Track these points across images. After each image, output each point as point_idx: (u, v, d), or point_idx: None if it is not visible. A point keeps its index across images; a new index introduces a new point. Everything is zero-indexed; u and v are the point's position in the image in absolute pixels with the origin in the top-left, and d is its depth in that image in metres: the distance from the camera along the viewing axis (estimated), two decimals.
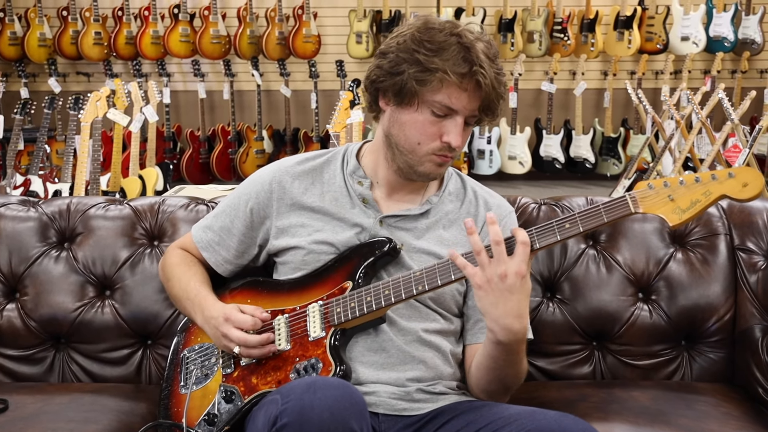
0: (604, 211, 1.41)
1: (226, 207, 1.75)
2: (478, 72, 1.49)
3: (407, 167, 1.60)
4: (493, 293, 1.39)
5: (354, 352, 1.58)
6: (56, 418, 1.63)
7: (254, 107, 6.60)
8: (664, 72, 6.56)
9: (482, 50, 1.52)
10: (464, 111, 1.54)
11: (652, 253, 1.92)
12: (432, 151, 1.57)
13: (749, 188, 1.34)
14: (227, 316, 1.59)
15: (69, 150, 4.51)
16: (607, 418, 1.62)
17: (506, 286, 1.38)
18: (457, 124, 1.54)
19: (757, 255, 1.89)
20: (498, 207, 1.71)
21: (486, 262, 1.40)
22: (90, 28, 6.40)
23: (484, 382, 1.58)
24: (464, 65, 1.50)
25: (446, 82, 1.50)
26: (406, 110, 1.56)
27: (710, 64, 6.55)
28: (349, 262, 1.61)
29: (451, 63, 1.50)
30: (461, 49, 1.50)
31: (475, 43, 1.51)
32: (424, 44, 1.52)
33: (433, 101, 1.53)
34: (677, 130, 5.10)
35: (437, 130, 1.55)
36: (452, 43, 1.51)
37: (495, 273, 1.38)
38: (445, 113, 1.54)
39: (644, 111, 5.91)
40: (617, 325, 1.89)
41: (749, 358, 1.81)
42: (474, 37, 1.53)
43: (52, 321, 1.93)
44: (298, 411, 1.26)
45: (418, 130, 1.56)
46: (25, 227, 1.99)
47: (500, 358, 1.49)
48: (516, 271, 1.38)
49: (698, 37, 6.44)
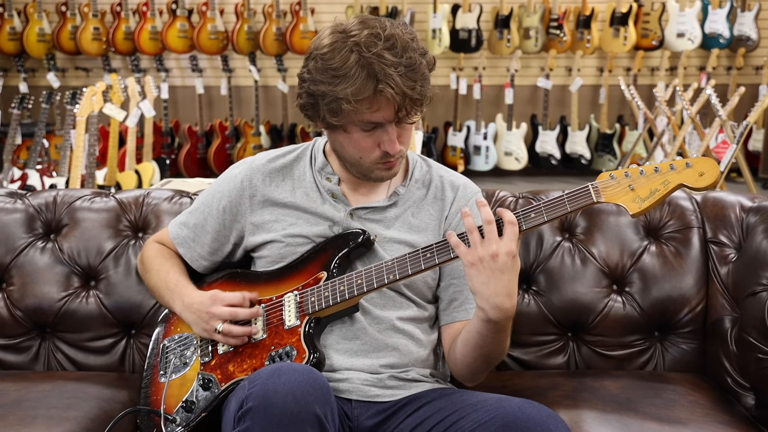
0: (567, 200, 1.44)
1: (200, 204, 1.79)
2: (385, 89, 1.47)
3: (360, 174, 1.65)
4: (485, 272, 1.43)
5: (329, 340, 1.62)
6: (37, 405, 1.66)
7: (252, 102, 6.64)
8: (660, 68, 6.58)
9: (386, 55, 1.48)
10: (388, 120, 1.54)
11: (627, 246, 1.95)
12: (375, 161, 1.60)
13: (705, 177, 1.38)
14: (215, 296, 1.63)
15: (66, 144, 4.55)
16: (576, 405, 1.65)
17: (498, 266, 1.42)
18: (388, 133, 1.55)
19: (729, 248, 1.91)
20: (464, 188, 1.74)
21: (478, 242, 1.43)
22: (88, 23, 6.44)
23: (470, 359, 1.59)
24: (368, 86, 1.48)
25: (358, 108, 1.50)
26: (337, 132, 1.59)
27: (706, 60, 6.57)
28: (324, 253, 1.65)
29: (354, 89, 1.48)
30: (361, 68, 1.48)
31: (374, 56, 1.47)
32: (327, 72, 1.51)
33: (356, 122, 1.54)
34: (668, 126, 5.12)
35: (373, 141, 1.57)
36: (352, 64, 1.48)
37: (487, 252, 1.42)
38: (372, 127, 1.55)
39: (636, 107, 5.94)
40: (591, 316, 1.92)
41: (719, 349, 1.84)
42: (373, 42, 1.48)
43: (37, 310, 1.96)
44: (263, 395, 1.30)
45: (354, 147, 1.59)
46: (11, 219, 2.03)
47: (488, 336, 1.52)
48: (507, 251, 1.42)
49: (694, 33, 6.46)
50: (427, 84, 1.54)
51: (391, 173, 1.64)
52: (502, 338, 1.54)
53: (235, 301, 1.61)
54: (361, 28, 1.50)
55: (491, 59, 6.75)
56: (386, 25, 1.52)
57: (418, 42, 1.55)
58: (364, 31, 1.50)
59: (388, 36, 1.49)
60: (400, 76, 1.47)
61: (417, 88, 1.50)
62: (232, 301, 1.61)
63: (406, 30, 1.53)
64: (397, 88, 1.47)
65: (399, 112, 1.52)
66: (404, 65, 1.48)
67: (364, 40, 1.49)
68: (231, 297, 1.62)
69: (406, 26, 1.55)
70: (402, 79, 1.48)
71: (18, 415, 1.61)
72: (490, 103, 6.80)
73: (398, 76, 1.47)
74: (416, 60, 1.51)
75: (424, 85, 1.52)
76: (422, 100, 1.53)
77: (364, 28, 1.50)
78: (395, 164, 1.62)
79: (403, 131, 1.58)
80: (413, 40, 1.53)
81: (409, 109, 1.52)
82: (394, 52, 1.48)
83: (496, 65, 6.80)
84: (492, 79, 6.79)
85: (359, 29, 1.50)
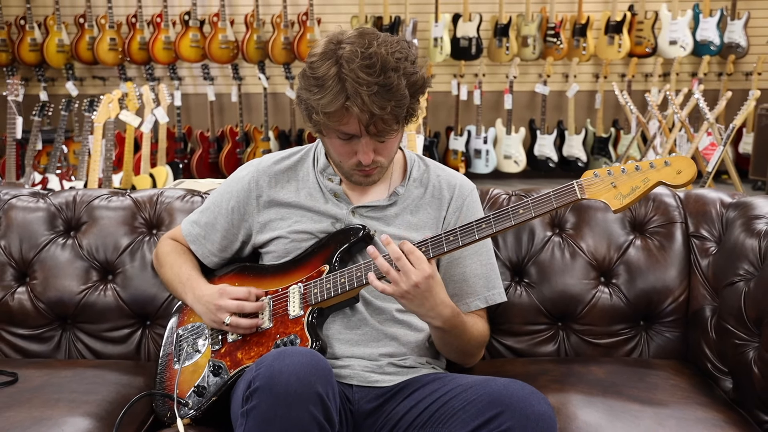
0: (553, 197, 1.48)
1: (211, 204, 1.83)
2: (352, 106, 1.48)
3: (344, 176, 1.70)
4: (415, 299, 1.51)
5: (332, 330, 1.67)
6: (60, 389, 1.71)
7: (261, 109, 6.69)
8: (653, 74, 6.62)
9: (360, 73, 1.47)
10: (361, 133, 1.55)
11: (613, 240, 1.99)
12: (352, 167, 1.64)
13: (683, 175, 1.42)
14: (222, 290, 1.68)
15: (84, 150, 4.61)
16: (563, 389, 1.69)
17: (422, 290, 1.49)
18: (362, 144, 1.57)
19: (710, 241, 1.95)
20: (461, 187, 1.78)
21: (398, 278, 1.49)
22: (105, 34, 6.51)
23: (446, 353, 1.72)
24: (337, 100, 1.49)
25: (327, 119, 1.53)
26: (321, 135, 1.64)
27: (697, 66, 6.61)
28: (327, 248, 1.69)
29: (325, 102, 1.50)
30: (337, 82, 1.49)
31: (350, 72, 1.47)
32: (309, 79, 1.53)
33: (333, 130, 1.58)
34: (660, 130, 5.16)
35: (350, 149, 1.60)
36: (331, 76, 1.49)
37: (408, 284, 1.48)
38: (348, 137, 1.58)
39: (630, 112, 5.98)
40: (580, 306, 1.96)
41: (699, 336, 1.88)
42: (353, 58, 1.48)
43: (59, 303, 2.01)
44: (269, 376, 1.34)
45: (335, 151, 1.63)
46: (34, 217, 2.08)
47: (446, 336, 1.62)
48: (424, 276, 1.48)
49: (685, 41, 6.49)
50: (404, 104, 1.52)
51: (370, 180, 1.68)
52: (461, 332, 1.63)
53: (241, 295, 1.66)
54: (352, 41, 1.51)
55: (491, 66, 6.80)
56: (374, 42, 1.50)
57: (408, 62, 1.53)
58: (350, 46, 1.50)
59: (370, 54, 1.48)
60: (370, 95, 1.47)
61: (388, 108, 1.49)
62: (238, 295, 1.66)
63: (395, 49, 1.51)
64: (363, 107, 1.48)
65: (368, 129, 1.53)
66: (379, 84, 1.47)
67: (347, 54, 1.49)
68: (238, 291, 1.67)
69: (398, 45, 1.53)
70: (371, 99, 1.47)
71: (42, 398, 1.66)
72: (490, 109, 6.84)
73: (368, 96, 1.47)
74: (394, 81, 1.48)
75: (400, 105, 1.51)
76: (394, 119, 1.52)
77: (354, 42, 1.51)
78: (372, 173, 1.65)
79: (382, 143, 1.60)
80: (400, 60, 1.50)
81: (379, 127, 1.53)
82: (370, 71, 1.47)
83: (495, 72, 6.84)
84: (492, 85, 6.84)
85: (349, 42, 1.52)
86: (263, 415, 1.34)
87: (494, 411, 1.38)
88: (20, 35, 6.60)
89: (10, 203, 2.10)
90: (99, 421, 1.60)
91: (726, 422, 1.57)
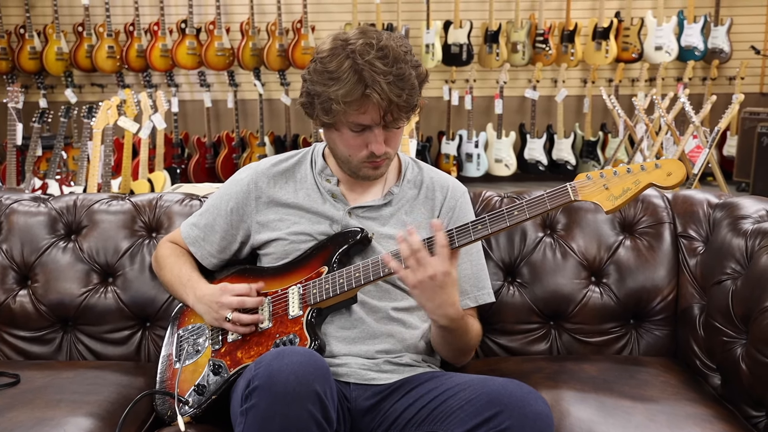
0: (548, 198, 1.49)
1: (210, 206, 1.83)
2: (372, 94, 1.52)
3: (350, 172, 1.70)
4: (427, 291, 1.49)
5: (329, 329, 1.66)
6: (62, 390, 1.70)
7: (257, 115, 6.68)
8: (640, 79, 6.64)
9: (377, 63, 1.52)
10: (375, 123, 1.58)
11: (604, 241, 1.99)
12: (363, 160, 1.65)
13: (673, 177, 1.43)
14: (224, 288, 1.68)
15: (83, 155, 4.60)
16: (556, 386, 1.69)
17: (437, 284, 1.48)
18: (375, 135, 1.60)
19: (697, 241, 1.96)
20: (453, 189, 1.79)
21: (415, 267, 1.49)
22: (103, 42, 6.49)
23: (443, 352, 1.71)
24: (357, 89, 1.52)
25: (347, 109, 1.55)
26: (330, 131, 1.65)
27: (682, 71, 6.63)
28: (326, 249, 1.69)
29: (344, 92, 1.53)
30: (353, 73, 1.53)
31: (366, 63, 1.52)
32: (323, 74, 1.56)
33: (345, 122, 1.59)
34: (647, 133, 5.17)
35: (362, 141, 1.62)
36: (346, 69, 1.53)
37: (424, 275, 1.48)
38: (361, 129, 1.60)
39: (617, 115, 6.00)
40: (571, 305, 1.96)
41: (688, 334, 1.88)
42: (367, 50, 1.53)
43: (60, 305, 2.00)
44: (268, 375, 1.34)
45: (344, 145, 1.64)
46: (35, 221, 2.07)
47: (448, 336, 1.61)
48: (442, 271, 1.47)
49: (671, 46, 6.52)
50: (415, 93, 1.58)
51: (378, 173, 1.69)
52: (462, 333, 1.62)
53: (242, 291, 1.66)
54: (359, 38, 1.55)
55: (481, 72, 6.81)
56: (383, 37, 1.57)
57: (412, 55, 1.59)
58: (360, 41, 1.55)
59: (382, 47, 1.54)
60: (387, 83, 1.52)
61: (403, 96, 1.54)
62: (239, 291, 1.66)
63: (401, 43, 1.58)
64: (383, 94, 1.52)
65: (385, 117, 1.56)
66: (393, 74, 1.53)
67: (359, 48, 1.54)
68: (238, 287, 1.67)
69: (402, 40, 1.60)
70: (389, 87, 1.52)
71: (44, 399, 1.65)
72: (481, 113, 6.85)
73: (386, 84, 1.52)
74: (406, 71, 1.55)
75: (412, 94, 1.57)
76: (408, 107, 1.57)
77: (361, 38, 1.55)
78: (381, 164, 1.66)
79: (391, 135, 1.63)
80: (407, 53, 1.57)
81: (395, 114, 1.57)
82: (386, 61, 1.53)
83: (486, 77, 6.85)
84: (482, 90, 6.85)
85: (357, 38, 1.56)
86: (262, 414, 1.33)
87: (493, 410, 1.38)
88: (20, 44, 6.58)
89: (12, 208, 2.10)
90: (100, 421, 1.60)
91: (715, 417, 1.58)
